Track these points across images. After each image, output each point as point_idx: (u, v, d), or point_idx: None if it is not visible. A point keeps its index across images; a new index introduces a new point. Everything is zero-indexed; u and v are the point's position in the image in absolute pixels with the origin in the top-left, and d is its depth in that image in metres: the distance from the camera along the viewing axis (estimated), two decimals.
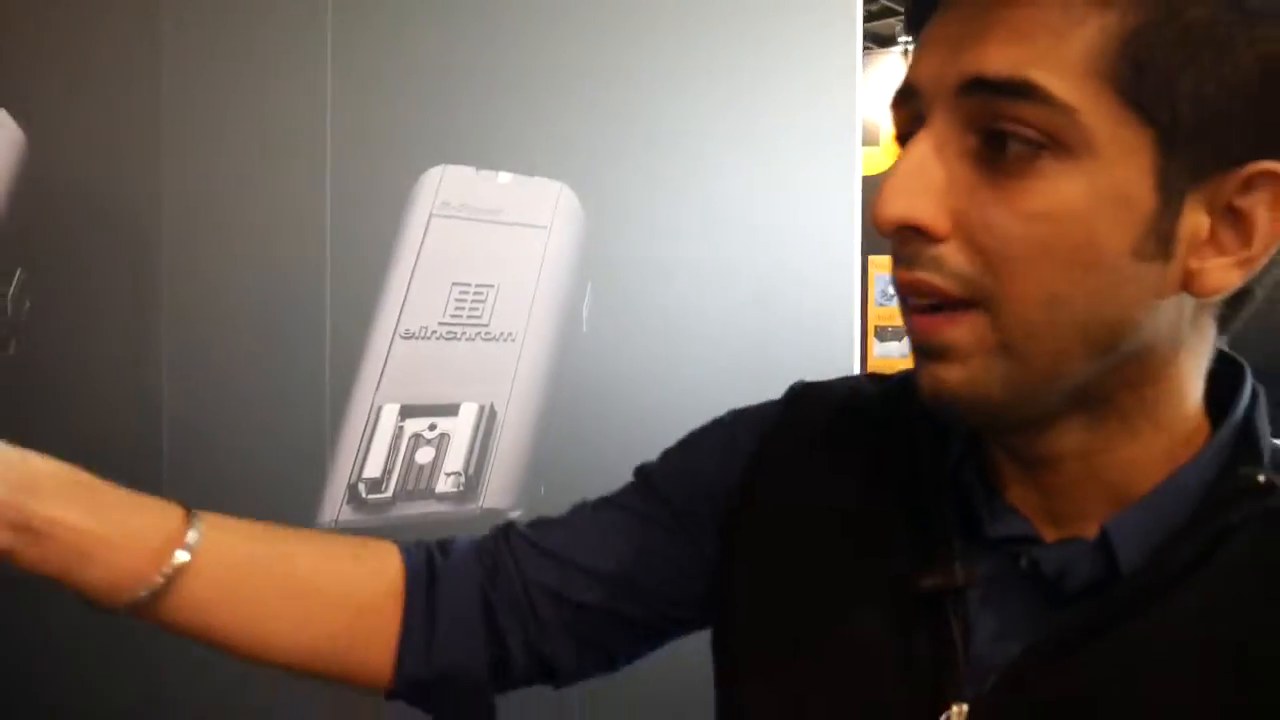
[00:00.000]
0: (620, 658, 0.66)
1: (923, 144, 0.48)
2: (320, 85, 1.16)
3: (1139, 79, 0.45)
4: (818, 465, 0.61)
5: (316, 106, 1.16)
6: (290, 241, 1.14)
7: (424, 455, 1.24)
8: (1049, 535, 0.53)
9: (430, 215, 1.29)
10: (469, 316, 1.33)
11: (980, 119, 0.47)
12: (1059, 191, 0.46)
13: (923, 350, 0.50)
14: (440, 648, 0.62)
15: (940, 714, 0.51)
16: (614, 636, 0.64)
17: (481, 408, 1.30)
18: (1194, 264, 0.48)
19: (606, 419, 1.38)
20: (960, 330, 0.48)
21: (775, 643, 0.58)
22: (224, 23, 1.07)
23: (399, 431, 1.22)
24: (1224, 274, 0.48)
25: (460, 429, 1.28)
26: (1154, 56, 0.45)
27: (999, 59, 0.46)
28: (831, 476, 0.61)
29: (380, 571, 0.63)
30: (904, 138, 0.51)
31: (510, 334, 1.38)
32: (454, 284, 1.31)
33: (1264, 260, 0.48)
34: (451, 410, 1.28)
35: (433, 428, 1.26)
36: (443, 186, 1.30)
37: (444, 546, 0.65)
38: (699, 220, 1.48)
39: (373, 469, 1.19)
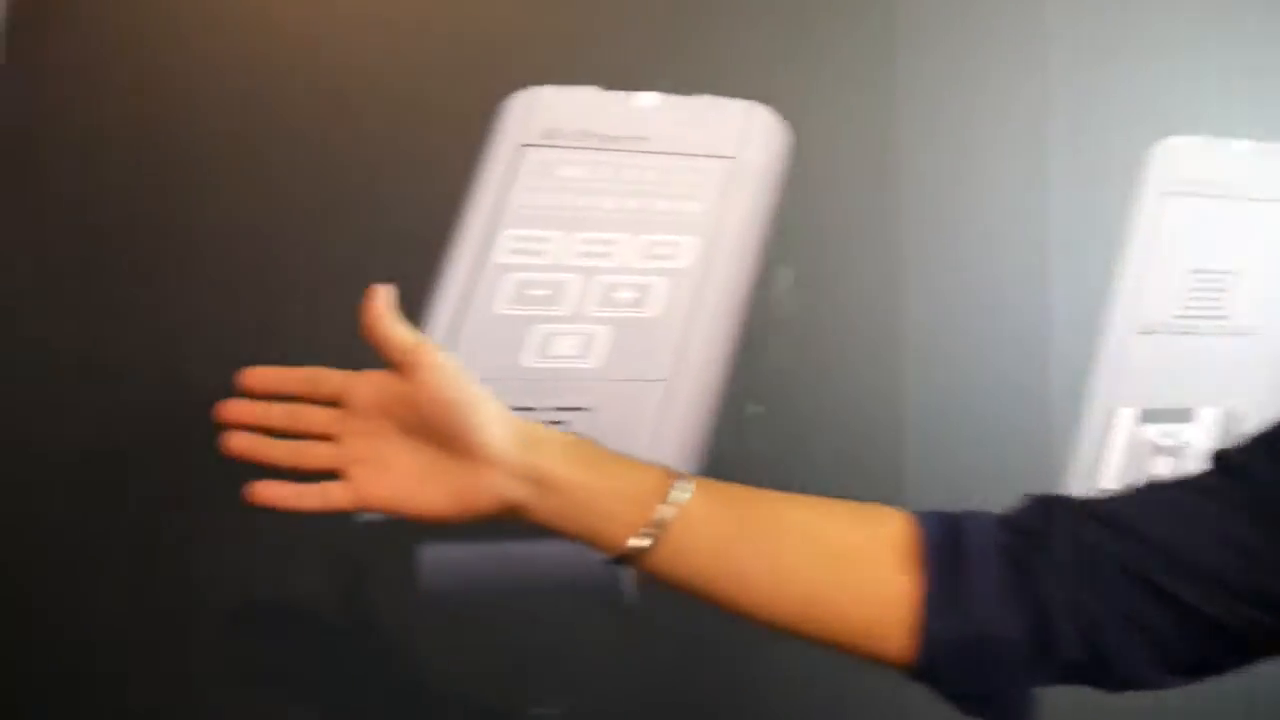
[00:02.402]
0: (1196, 666, 0.58)
1: None
2: (1040, 63, 1.09)
3: None
4: None
5: (1035, 87, 1.09)
6: (1010, 226, 1.08)
7: (1161, 466, 1.10)
8: None
9: (1162, 193, 1.15)
10: (1207, 308, 1.16)
11: None
12: None
13: None
14: (973, 608, 0.58)
15: None
16: (1186, 639, 0.57)
17: (1225, 413, 1.13)
18: None
19: None
20: None
21: None
22: (951, 25, 1.05)
23: (1135, 439, 1.10)
24: None
25: (1199, 437, 1.12)
26: None
27: None
28: None
29: (881, 523, 0.63)
30: None
31: (1253, 328, 1.18)
32: (1192, 271, 1.15)
33: None
34: (1185, 415, 1.13)
35: (1170, 435, 1.11)
36: (1174, 160, 1.15)
37: (958, 513, 0.63)
38: None
39: (1107, 480, 1.08)
